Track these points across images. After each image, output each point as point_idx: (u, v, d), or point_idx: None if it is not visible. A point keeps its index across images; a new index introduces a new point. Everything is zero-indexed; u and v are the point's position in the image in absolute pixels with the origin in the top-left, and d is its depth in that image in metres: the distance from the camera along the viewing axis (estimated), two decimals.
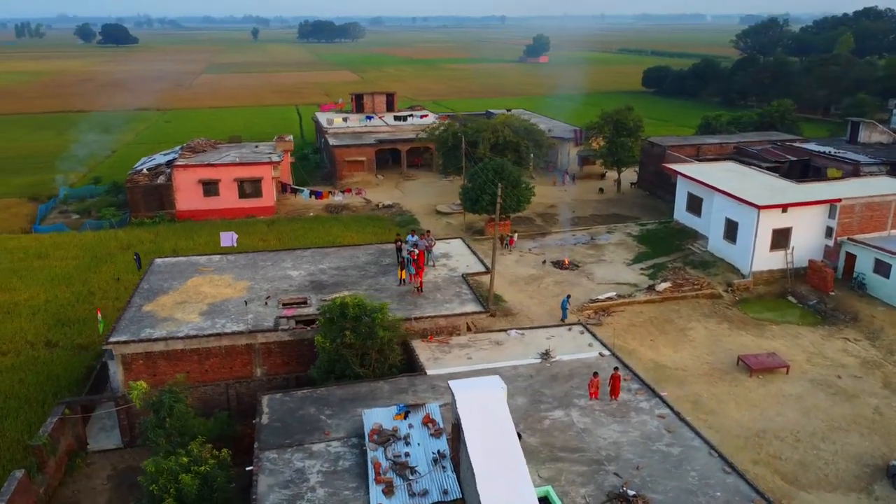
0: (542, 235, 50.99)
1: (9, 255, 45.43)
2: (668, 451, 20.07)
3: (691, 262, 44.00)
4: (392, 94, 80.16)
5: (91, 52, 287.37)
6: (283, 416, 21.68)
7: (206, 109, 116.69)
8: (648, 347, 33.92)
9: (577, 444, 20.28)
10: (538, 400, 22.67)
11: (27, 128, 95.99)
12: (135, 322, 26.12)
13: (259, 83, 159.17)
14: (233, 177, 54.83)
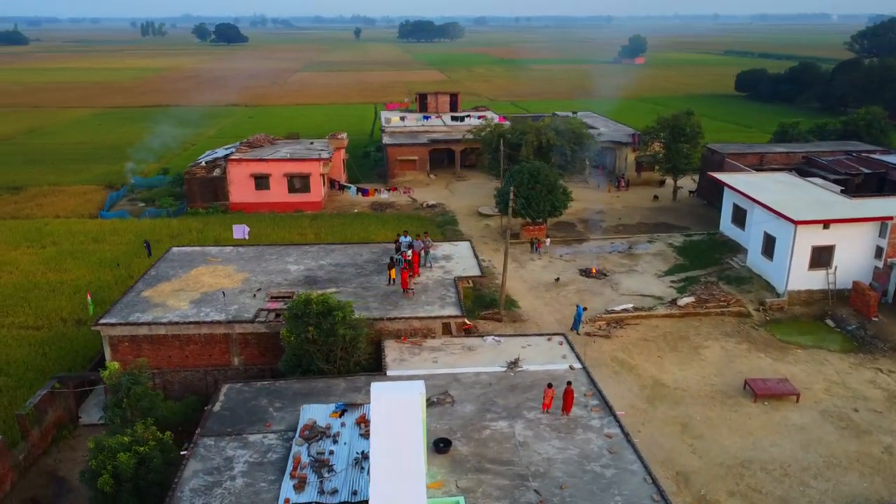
0: (578, 242, 49.79)
1: (71, 238, 49.12)
2: (602, 472, 19.25)
3: (726, 277, 41.73)
4: (455, 95, 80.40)
5: (203, 51, 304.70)
6: (235, 405, 22.43)
7: (291, 106, 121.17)
8: (653, 364, 32.49)
9: (509, 458, 19.81)
10: (487, 409, 22.29)
11: (123, 120, 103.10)
12: (129, 306, 27.73)
13: (348, 81, 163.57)
14: (283, 172, 56.82)
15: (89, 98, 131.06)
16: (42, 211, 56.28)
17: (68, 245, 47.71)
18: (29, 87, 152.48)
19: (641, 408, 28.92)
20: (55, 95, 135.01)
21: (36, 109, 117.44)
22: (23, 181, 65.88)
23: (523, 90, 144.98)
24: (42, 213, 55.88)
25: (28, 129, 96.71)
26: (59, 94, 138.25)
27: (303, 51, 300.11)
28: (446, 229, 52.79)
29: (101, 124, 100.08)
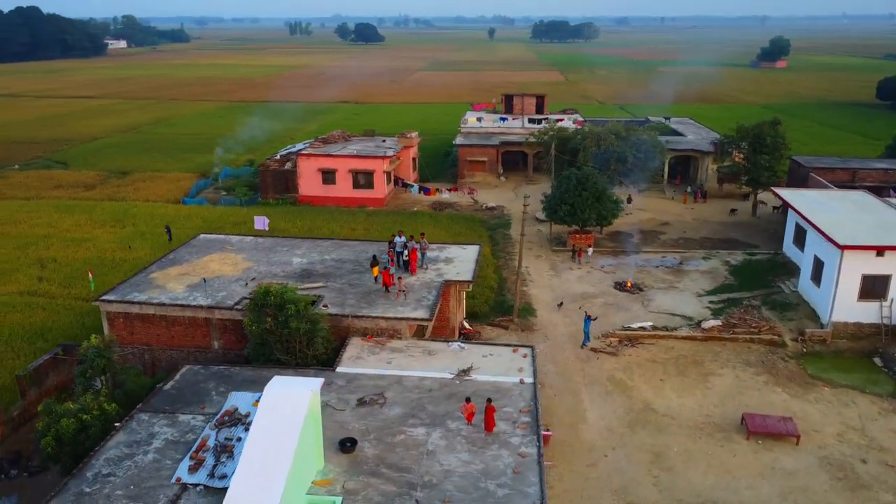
0: (627, 253, 47.65)
1: (148, 220, 53.62)
2: (494, 490, 18.62)
3: (772, 302, 38.46)
4: (542, 97, 79.16)
5: (340, 49, 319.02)
6: (185, 385, 23.79)
7: (397, 104, 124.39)
8: (651, 387, 30.66)
9: (409, 465, 19.62)
10: (413, 414, 22.13)
11: (242, 114, 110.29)
12: (133, 286, 30.06)
13: (463, 81, 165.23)
14: (348, 168, 58.74)
15: (221, 93, 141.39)
16: (136, 194, 61.78)
17: (144, 226, 52.11)
18: (174, 81, 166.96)
19: (619, 432, 27.44)
20: (192, 90, 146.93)
21: (171, 102, 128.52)
22: (131, 167, 72.61)
23: (637, 93, 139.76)
24: (135, 196, 61.34)
25: (155, 119, 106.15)
26: (197, 88, 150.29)
27: (433, 50, 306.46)
28: (497, 232, 52.39)
29: (221, 117, 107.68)
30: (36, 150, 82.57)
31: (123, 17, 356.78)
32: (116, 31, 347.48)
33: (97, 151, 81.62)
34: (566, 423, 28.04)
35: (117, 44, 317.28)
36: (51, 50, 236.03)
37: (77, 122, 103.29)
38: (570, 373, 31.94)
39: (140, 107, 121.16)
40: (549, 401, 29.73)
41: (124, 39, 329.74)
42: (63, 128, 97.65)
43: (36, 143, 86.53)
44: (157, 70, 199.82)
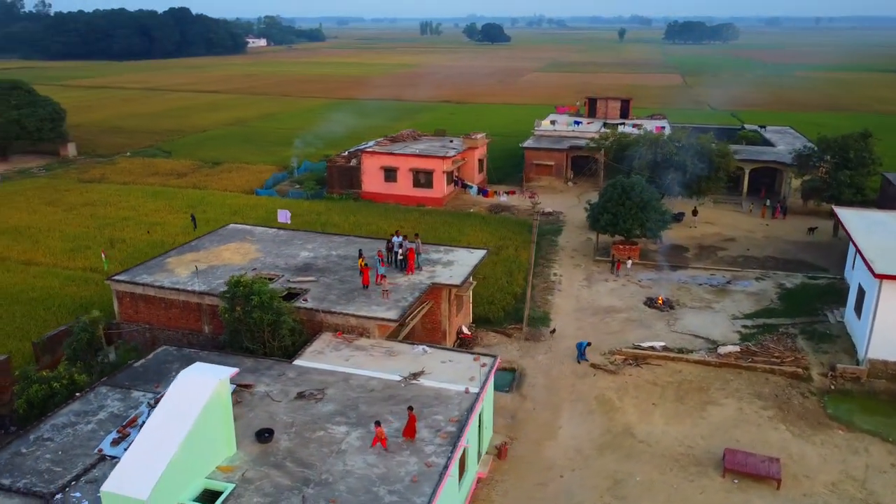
0: (673, 268, 45.16)
1: (217, 208, 57.17)
2: (383, 496, 18.47)
3: (811, 332, 35.17)
4: (627, 100, 76.37)
5: (463, 49, 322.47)
6: (154, 364, 25.39)
7: (496, 105, 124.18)
8: (639, 411, 29.02)
9: (314, 462, 19.88)
10: (343, 412, 22.33)
11: (344, 111, 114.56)
12: (147, 268, 32.35)
13: (573, 83, 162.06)
14: (409, 167, 59.66)
15: (333, 90, 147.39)
16: (217, 184, 65.99)
17: (212, 214, 55.58)
18: (293, 77, 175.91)
19: (585, 454, 26.26)
20: (307, 86, 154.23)
21: (284, 98, 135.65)
22: (224, 157, 77.60)
23: (755, 99, 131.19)
24: (215, 185, 65.54)
25: (264, 114, 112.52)
26: (311, 84, 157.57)
27: (555, 51, 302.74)
28: (545, 239, 51.26)
29: (321, 114, 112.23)
30: (151, 139, 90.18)
31: (265, 18, 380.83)
32: (259, 30, 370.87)
33: (201, 142, 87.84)
34: (533, 439, 27.21)
35: (258, 42, 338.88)
36: (197, 47, 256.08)
37: (196, 114, 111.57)
38: (559, 387, 30.88)
39: (255, 102, 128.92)
40: (526, 414, 29.01)
41: (265, 38, 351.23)
42: (182, 120, 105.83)
43: (154, 133, 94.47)
44: (282, 67, 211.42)
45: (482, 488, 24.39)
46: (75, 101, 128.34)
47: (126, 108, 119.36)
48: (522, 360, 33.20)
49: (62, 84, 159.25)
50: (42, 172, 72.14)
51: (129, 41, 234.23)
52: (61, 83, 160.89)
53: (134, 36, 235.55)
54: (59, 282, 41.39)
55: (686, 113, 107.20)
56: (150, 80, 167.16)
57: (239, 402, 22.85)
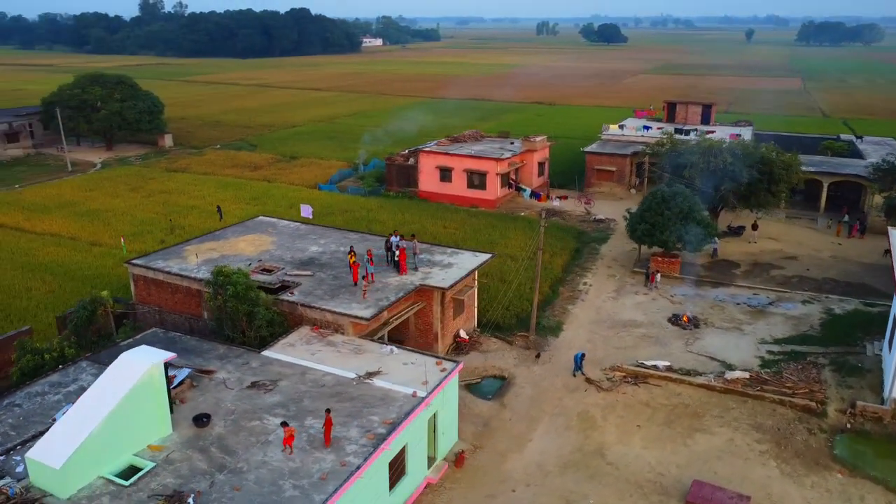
0: (714, 284, 42.55)
1: (276, 201, 59.61)
2: (286, 490, 18.74)
3: (841, 363, 32.16)
4: (709, 105, 72.43)
5: (575, 50, 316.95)
6: (139, 344, 27.00)
7: (590, 107, 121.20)
8: (621, 431, 27.68)
9: (238, 450, 20.41)
10: (286, 405, 22.74)
11: (431, 110, 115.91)
12: (165, 254, 34.39)
13: (680, 85, 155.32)
14: (463, 167, 59.67)
15: (428, 89, 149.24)
16: (285, 177, 68.81)
17: (270, 206, 58.01)
18: (394, 76, 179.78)
19: (547, 470, 25.41)
20: (404, 85, 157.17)
21: (379, 96, 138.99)
22: (302, 153, 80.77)
23: (885, 107, 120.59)
24: (284, 179, 68.35)
25: (353, 111, 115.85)
26: (409, 83, 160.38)
27: (671, 52, 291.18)
28: (588, 247, 49.81)
29: (408, 112, 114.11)
30: (243, 133, 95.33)
31: (382, 18, 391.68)
32: (377, 30, 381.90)
33: (287, 138, 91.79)
34: (499, 450, 26.63)
35: (374, 42, 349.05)
36: (314, 46, 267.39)
37: (292, 111, 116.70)
38: (544, 399, 30.00)
39: (351, 99, 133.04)
40: (501, 423, 28.43)
41: (381, 38, 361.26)
42: (277, 115, 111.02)
43: (248, 128, 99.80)
44: (388, 66, 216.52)
45: (428, 494, 24.19)
46: (190, 95, 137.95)
47: (232, 103, 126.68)
48: (516, 369, 32.50)
49: (185, 80, 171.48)
50: (137, 161, 78.09)
51: (252, 40, 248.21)
52: (185, 79, 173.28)
53: (256, 35, 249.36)
54: (114, 262, 44.68)
55: (788, 120, 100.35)
56: (263, 77, 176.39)
57: (195, 386, 23.95)
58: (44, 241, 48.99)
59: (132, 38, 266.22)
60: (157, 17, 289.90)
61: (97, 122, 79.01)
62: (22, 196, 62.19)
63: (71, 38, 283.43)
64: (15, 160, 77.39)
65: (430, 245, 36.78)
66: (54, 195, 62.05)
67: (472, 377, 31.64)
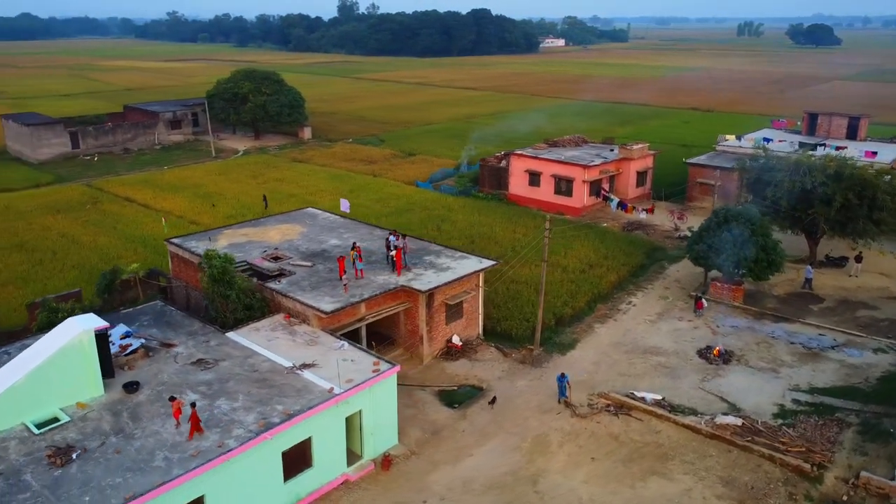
0: (774, 318, 37.91)
1: (369, 194, 62.07)
2: (154, 460, 20.18)
3: (870, 426, 27.54)
4: (857, 118, 63.72)
5: (770, 52, 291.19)
6: (136, 313, 30.05)
7: (748, 115, 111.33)
8: (571, 461, 25.93)
9: (142, 418, 22.13)
10: (211, 384, 24.14)
11: (572, 113, 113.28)
12: (201, 236, 37.63)
13: (881, 93, 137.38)
14: (551, 172, 58.13)
15: (580, 91, 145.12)
16: (391, 173, 71.31)
17: (362, 199, 60.55)
18: (554, 77, 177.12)
19: (469, 488, 24.56)
20: (559, 86, 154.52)
21: (531, 97, 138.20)
22: (420, 150, 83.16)
23: None
24: (389, 174, 70.87)
25: (494, 111, 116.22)
26: (565, 84, 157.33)
27: (890, 56, 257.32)
28: (656, 264, 46.50)
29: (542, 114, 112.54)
30: (378, 128, 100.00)
31: (567, 18, 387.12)
32: (561, 30, 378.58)
33: (415, 135, 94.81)
34: (434, 459, 26.18)
35: (555, 42, 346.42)
36: (491, 46, 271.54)
37: (436, 108, 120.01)
38: (508, 417, 28.85)
39: (498, 99, 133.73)
40: (451, 433, 27.89)
41: (563, 39, 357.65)
42: (419, 113, 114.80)
43: (386, 123, 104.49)
44: (557, 67, 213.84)
45: (341, 491, 24.44)
46: (352, 91, 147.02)
47: (386, 99, 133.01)
48: (499, 382, 31.48)
49: (357, 76, 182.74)
50: (275, 151, 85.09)
51: (432, 39, 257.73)
52: (357, 76, 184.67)
53: (436, 35, 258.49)
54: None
55: None
56: (427, 76, 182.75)
57: (150, 356, 26.24)
58: (153, 216, 55.37)
59: (327, 38, 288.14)
60: (351, 18, 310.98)
61: (244, 113, 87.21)
62: (163, 176, 70.60)
63: (277, 37, 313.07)
64: (175, 145, 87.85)
65: (443, 247, 36.63)
66: (187, 177, 69.72)
67: (449, 384, 31.22)
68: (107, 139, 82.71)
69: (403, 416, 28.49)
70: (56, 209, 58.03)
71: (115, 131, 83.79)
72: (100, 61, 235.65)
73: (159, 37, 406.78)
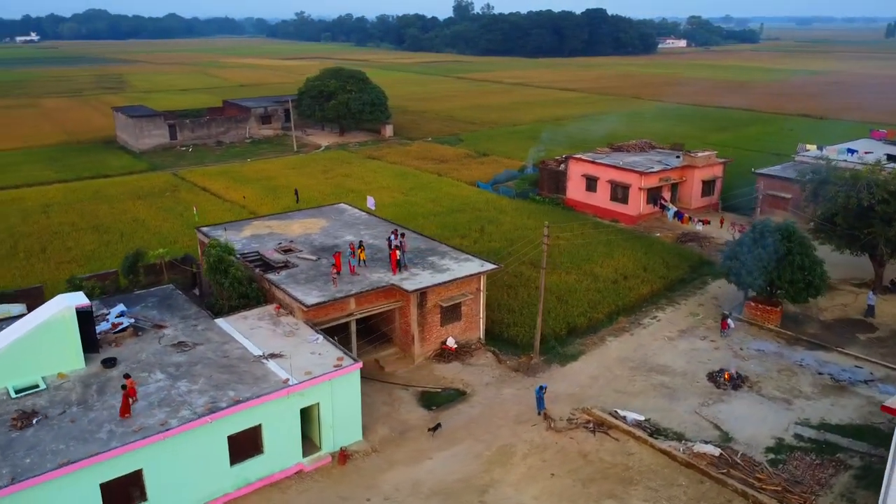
0: (809, 345, 34.88)
1: (427, 193, 62.62)
2: (90, 429, 21.60)
3: (871, 471, 24.70)
4: None
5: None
6: (147, 295, 32.09)
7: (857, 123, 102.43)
8: (528, 476, 25.20)
9: (107, 392, 23.76)
10: (180, 366, 25.43)
11: (657, 116, 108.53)
12: (231, 226, 39.55)
13: None
14: (607, 178, 56.25)
15: (684, 94, 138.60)
16: (457, 173, 71.49)
17: (417, 197, 61.33)
18: (660, 80, 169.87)
19: (417, 491, 24.53)
20: (663, 89, 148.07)
21: (629, 99, 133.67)
22: (494, 150, 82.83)
23: None
24: (455, 174, 71.06)
25: (582, 114, 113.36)
26: (670, 87, 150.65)
27: None
28: (700, 279, 43.98)
29: (644, 118, 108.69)
30: (461, 128, 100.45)
31: (691, 18, 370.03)
32: (684, 31, 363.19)
33: (496, 135, 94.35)
34: (392, 459, 26.28)
35: (676, 43, 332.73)
36: (604, 46, 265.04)
37: (524, 109, 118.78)
38: (481, 424, 28.41)
39: (593, 101, 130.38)
40: (418, 434, 27.90)
41: (685, 39, 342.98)
42: (506, 113, 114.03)
43: (470, 123, 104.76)
44: (668, 69, 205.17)
45: (291, 479, 25.00)
46: (448, 90, 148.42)
47: (479, 99, 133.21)
48: (484, 387, 31.00)
49: (458, 76, 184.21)
50: (354, 147, 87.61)
51: (543, 40, 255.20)
52: (459, 75, 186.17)
53: (547, 35, 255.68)
54: None
55: None
56: (528, 76, 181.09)
57: (138, 335, 27.98)
58: (217, 204, 58.70)
59: (440, 38, 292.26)
60: (465, 18, 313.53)
61: (328, 110, 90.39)
62: (242, 169, 74.56)
63: (394, 36, 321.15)
64: (265, 139, 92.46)
65: (450, 248, 36.44)
66: (263, 170, 73.25)
67: (433, 386, 31.09)
68: (202, 132, 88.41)
69: (377, 414, 28.85)
70: (139, 195, 62.79)
71: (210, 125, 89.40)
72: (225, 58, 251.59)
73: (287, 36, 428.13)
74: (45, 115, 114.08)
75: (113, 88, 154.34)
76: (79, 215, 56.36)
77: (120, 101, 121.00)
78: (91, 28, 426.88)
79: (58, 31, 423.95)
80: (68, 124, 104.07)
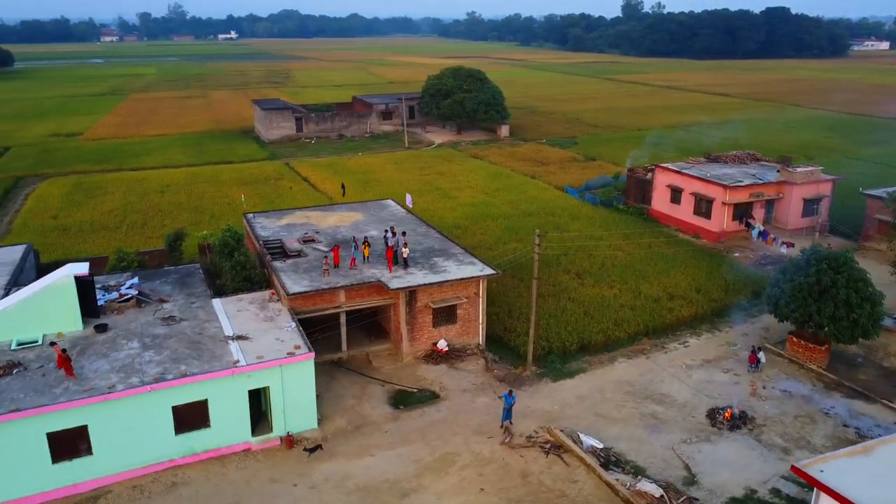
0: (849, 393, 30.53)
1: (508, 196, 61.86)
2: (52, 389, 24.21)
3: None
4: None
5: None
6: (170, 272, 35.10)
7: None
8: (456, 487, 24.66)
9: (85, 353, 26.49)
10: (158, 336, 27.59)
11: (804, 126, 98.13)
12: (272, 215, 41.88)
13: None
14: (692, 190, 52.34)
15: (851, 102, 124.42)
16: (550, 177, 69.74)
17: (498, 198, 60.87)
18: (833, 86, 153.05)
19: (343, 485, 24.84)
20: (827, 96, 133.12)
21: (787, 106, 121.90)
22: (604, 155, 79.89)
23: None
24: (548, 177, 69.41)
25: (723, 119, 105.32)
26: (842, 95, 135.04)
27: None
28: (754, 308, 39.64)
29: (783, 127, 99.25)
30: (582, 130, 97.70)
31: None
32: (889, 30, 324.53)
33: (615, 139, 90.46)
34: (335, 451, 26.77)
35: (877, 46, 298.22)
36: (782, 48, 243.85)
37: (661, 114, 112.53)
38: (438, 429, 28.06)
39: (738, 107, 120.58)
40: (373, 429, 28.27)
41: (889, 41, 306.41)
42: (636, 117, 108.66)
43: (593, 126, 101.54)
44: (852, 74, 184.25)
45: (237, 455, 26.27)
46: (588, 92, 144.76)
47: (615, 102, 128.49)
48: (460, 395, 30.45)
49: (607, 77, 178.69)
50: (465, 146, 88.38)
51: (712, 41, 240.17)
52: (607, 76, 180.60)
53: (717, 35, 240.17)
54: None
55: None
56: (681, 79, 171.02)
57: (140, 306, 30.76)
58: (308, 194, 62.16)
59: (604, 38, 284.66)
60: (634, 18, 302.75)
61: (444, 108, 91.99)
62: (348, 162, 78.07)
63: (558, 36, 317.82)
64: (384, 134, 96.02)
65: (463, 250, 36.00)
66: (366, 164, 76.28)
67: (410, 385, 31.09)
68: (325, 125, 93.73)
69: (342, 405, 29.50)
70: (246, 181, 68.05)
71: (333, 119, 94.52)
72: (392, 56, 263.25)
73: (458, 35, 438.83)
74: (208, 106, 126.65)
75: (277, 83, 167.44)
76: (187, 196, 62.29)
77: (278, 95, 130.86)
78: (282, 27, 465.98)
79: (254, 29, 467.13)
80: (221, 114, 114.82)
